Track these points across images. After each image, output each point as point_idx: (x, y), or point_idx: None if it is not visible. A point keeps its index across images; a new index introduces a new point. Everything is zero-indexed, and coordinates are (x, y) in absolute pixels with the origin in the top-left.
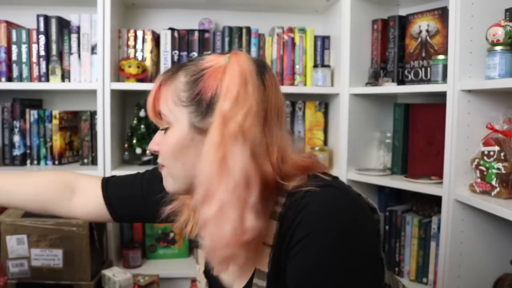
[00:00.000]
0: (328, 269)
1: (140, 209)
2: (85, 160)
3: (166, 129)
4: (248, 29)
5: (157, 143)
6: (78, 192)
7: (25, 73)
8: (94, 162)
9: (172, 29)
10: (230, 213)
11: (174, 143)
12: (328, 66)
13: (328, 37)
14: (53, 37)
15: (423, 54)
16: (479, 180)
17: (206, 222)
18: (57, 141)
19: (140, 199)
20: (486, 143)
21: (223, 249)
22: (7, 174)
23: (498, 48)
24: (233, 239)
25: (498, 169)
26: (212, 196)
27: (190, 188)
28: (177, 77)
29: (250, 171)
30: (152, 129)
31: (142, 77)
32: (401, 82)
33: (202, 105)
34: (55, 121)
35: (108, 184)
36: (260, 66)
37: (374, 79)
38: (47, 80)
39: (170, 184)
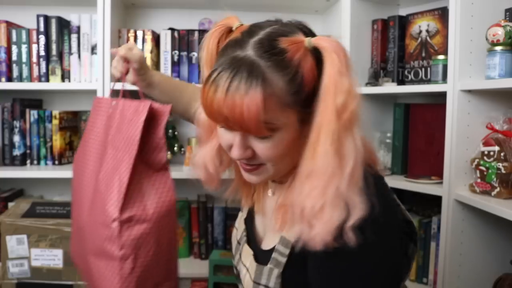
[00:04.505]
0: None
1: None
2: None
3: (265, 136)
4: None
5: (255, 153)
6: None
7: (25, 73)
8: None
9: (172, 29)
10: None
11: (285, 145)
12: None
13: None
14: (53, 37)
15: (423, 54)
16: (479, 180)
17: (314, 211)
18: (57, 141)
19: None
20: (486, 143)
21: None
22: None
23: (498, 48)
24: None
25: (498, 169)
26: (324, 188)
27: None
28: (270, 82)
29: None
30: None
31: None
32: (401, 82)
33: (307, 98)
34: (55, 121)
35: None
36: None
37: (374, 79)
38: (47, 80)
39: (265, 177)
